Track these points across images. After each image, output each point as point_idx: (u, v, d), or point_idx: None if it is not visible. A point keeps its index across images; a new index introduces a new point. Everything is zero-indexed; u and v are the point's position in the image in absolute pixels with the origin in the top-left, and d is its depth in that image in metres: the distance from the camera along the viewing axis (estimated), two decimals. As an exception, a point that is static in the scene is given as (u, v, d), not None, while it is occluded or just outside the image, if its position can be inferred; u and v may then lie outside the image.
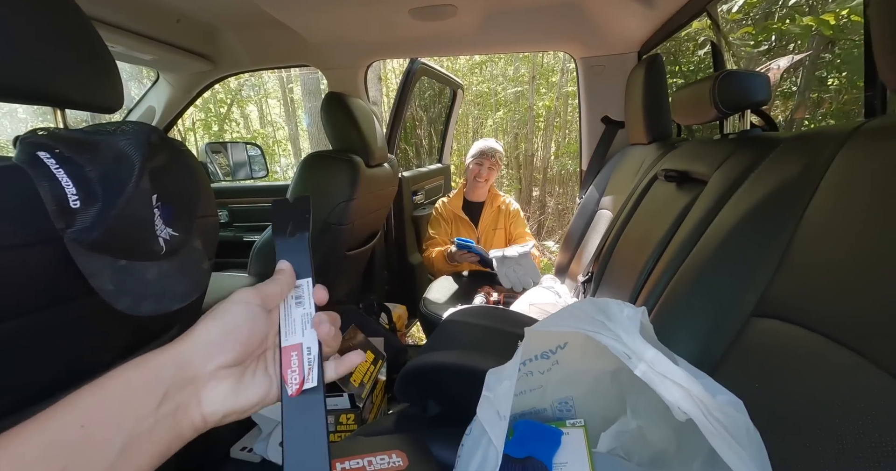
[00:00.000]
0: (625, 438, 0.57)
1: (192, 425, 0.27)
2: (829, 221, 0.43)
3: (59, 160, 0.45)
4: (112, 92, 0.53)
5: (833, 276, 0.39)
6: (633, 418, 0.56)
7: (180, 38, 1.34)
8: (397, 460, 0.52)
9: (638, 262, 0.80)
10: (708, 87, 0.69)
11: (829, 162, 0.46)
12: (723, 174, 0.65)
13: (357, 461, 0.50)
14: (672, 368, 0.39)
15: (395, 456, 0.53)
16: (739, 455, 0.35)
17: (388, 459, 0.52)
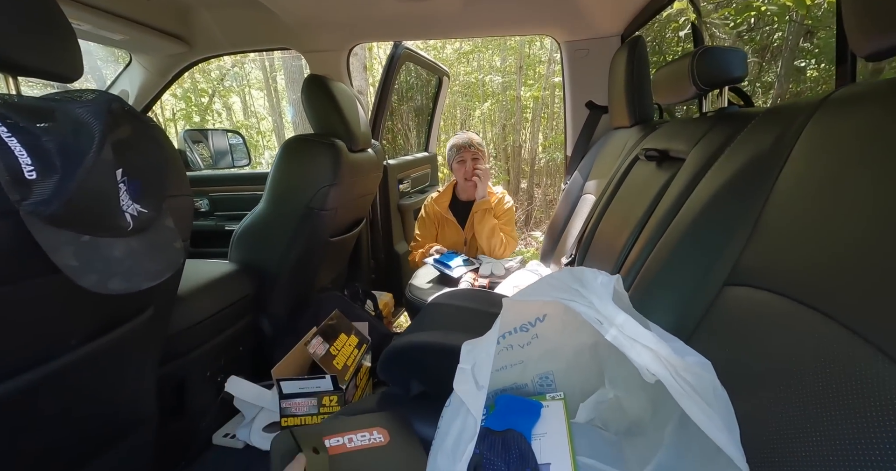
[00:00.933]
0: (602, 408, 0.58)
1: None
2: (798, 187, 0.44)
3: (12, 129, 0.43)
4: (70, 59, 0.50)
5: (798, 239, 0.40)
6: (610, 389, 0.57)
7: (152, 16, 1.29)
8: (378, 437, 0.52)
9: (618, 241, 0.81)
10: (687, 64, 0.69)
11: (800, 131, 0.46)
12: (700, 150, 0.66)
13: (338, 439, 0.50)
14: (642, 331, 0.39)
15: (376, 433, 0.53)
16: (707, 413, 0.35)
17: (370, 435, 0.52)
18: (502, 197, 1.70)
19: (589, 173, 1.44)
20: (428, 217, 1.78)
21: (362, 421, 0.55)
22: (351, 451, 0.49)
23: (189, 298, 0.97)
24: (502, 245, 1.62)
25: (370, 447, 0.51)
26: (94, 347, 0.58)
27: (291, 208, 1.22)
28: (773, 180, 0.47)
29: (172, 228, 0.61)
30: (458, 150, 1.65)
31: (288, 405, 0.87)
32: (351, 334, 1.06)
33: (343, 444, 0.50)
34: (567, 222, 1.46)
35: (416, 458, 0.51)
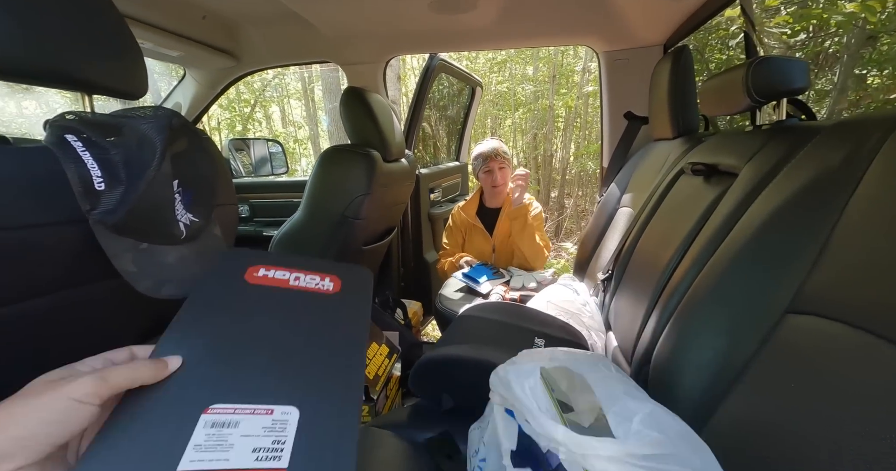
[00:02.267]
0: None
1: None
2: (875, 211, 0.40)
3: (86, 143, 0.46)
4: (137, 78, 0.54)
5: (876, 268, 0.36)
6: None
7: (206, 34, 1.37)
8: (328, 284, 0.42)
9: (661, 258, 0.77)
10: (741, 75, 0.66)
11: (877, 150, 0.43)
12: (755, 166, 0.62)
13: (283, 273, 0.41)
14: (590, 443, 0.37)
15: (328, 280, 0.43)
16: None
17: (320, 280, 0.42)
18: (529, 204, 1.66)
19: (626, 186, 1.39)
20: (455, 226, 1.78)
21: (320, 264, 0.45)
22: (290, 288, 0.40)
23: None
24: (542, 252, 1.59)
25: (313, 291, 0.41)
26: (146, 348, 0.61)
27: (327, 216, 1.25)
28: (843, 203, 0.43)
29: (220, 236, 0.64)
30: (485, 159, 1.62)
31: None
32: (382, 344, 1.07)
33: (287, 279, 0.41)
34: (602, 235, 1.42)
35: (361, 313, 0.41)
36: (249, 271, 0.40)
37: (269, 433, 0.29)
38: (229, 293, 0.38)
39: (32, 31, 0.42)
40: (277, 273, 0.41)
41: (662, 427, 0.41)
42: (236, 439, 0.28)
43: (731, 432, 0.47)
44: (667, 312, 0.66)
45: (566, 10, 1.27)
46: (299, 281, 0.41)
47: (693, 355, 0.54)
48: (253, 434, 0.29)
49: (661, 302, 0.71)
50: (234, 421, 0.29)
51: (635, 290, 0.86)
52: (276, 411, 0.31)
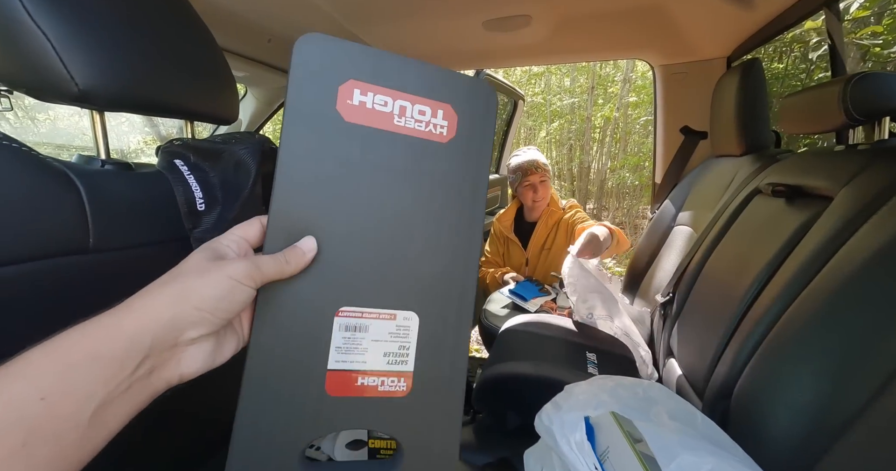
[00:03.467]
0: None
1: (168, 384, 0.26)
2: None
3: (191, 167, 0.50)
4: (231, 105, 0.57)
5: None
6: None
7: (269, 56, 1.45)
8: (443, 126, 0.34)
9: (736, 285, 0.73)
10: (836, 91, 0.61)
11: None
12: (854, 191, 0.58)
13: (384, 99, 0.32)
14: None
15: (440, 114, 0.34)
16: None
17: (433, 119, 0.34)
18: (574, 212, 1.60)
19: (683, 203, 1.34)
20: (496, 236, 1.76)
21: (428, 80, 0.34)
22: (398, 131, 0.33)
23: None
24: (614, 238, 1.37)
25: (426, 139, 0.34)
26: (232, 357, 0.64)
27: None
28: None
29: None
30: (525, 173, 1.55)
31: (374, 427, 0.88)
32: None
33: (391, 114, 0.33)
34: (656, 254, 1.36)
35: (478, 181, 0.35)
36: (342, 93, 0.31)
37: (395, 339, 0.31)
38: (325, 138, 0.31)
39: (153, 66, 0.46)
40: (377, 99, 0.32)
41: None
42: (368, 344, 0.30)
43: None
44: (749, 345, 0.62)
45: (623, 24, 1.24)
46: (405, 116, 0.32)
47: (788, 395, 0.50)
48: (381, 339, 0.31)
49: (739, 333, 0.67)
50: (364, 325, 0.31)
51: (705, 317, 0.82)
52: (398, 316, 0.32)
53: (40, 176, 0.35)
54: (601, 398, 0.54)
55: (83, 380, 0.22)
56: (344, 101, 0.31)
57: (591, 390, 0.57)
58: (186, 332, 0.26)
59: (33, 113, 4.17)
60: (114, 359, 0.23)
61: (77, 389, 0.21)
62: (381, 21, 1.26)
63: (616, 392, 0.57)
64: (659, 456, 0.42)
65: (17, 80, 0.40)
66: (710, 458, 0.41)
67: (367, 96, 0.31)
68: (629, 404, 0.53)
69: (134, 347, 0.23)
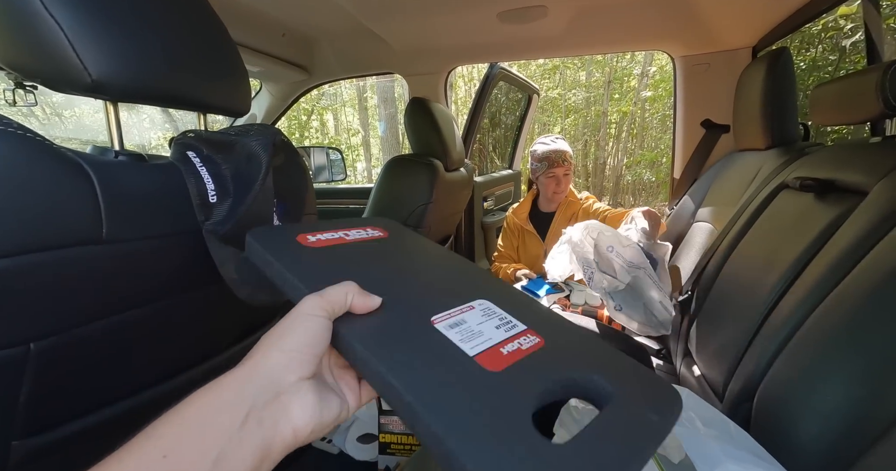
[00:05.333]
0: None
1: (283, 440, 0.26)
2: None
3: (203, 159, 0.49)
4: (243, 98, 0.57)
5: None
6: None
7: (284, 50, 1.46)
8: (377, 232, 0.46)
9: (761, 283, 0.70)
10: (874, 79, 0.58)
11: None
12: (892, 185, 0.54)
13: (334, 234, 0.42)
14: None
15: (370, 229, 0.46)
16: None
17: (367, 231, 0.45)
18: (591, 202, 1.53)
19: (703, 199, 1.29)
20: (510, 229, 1.71)
21: (351, 222, 0.47)
22: (350, 242, 0.42)
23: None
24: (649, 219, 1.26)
25: (371, 239, 0.44)
26: (237, 350, 0.64)
27: (390, 225, 1.27)
28: None
29: (305, 246, 0.67)
30: (552, 163, 1.50)
31: (386, 422, 0.88)
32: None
33: (342, 237, 0.42)
34: (674, 251, 1.32)
35: (425, 243, 0.45)
36: (301, 239, 0.40)
37: (490, 317, 0.33)
38: (314, 256, 0.37)
39: (166, 58, 0.46)
40: (326, 235, 0.41)
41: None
42: (476, 327, 0.32)
43: None
44: (774, 346, 0.59)
45: (643, 15, 1.21)
46: (349, 235, 0.43)
47: (819, 401, 0.48)
48: (482, 321, 0.33)
49: (764, 333, 0.64)
50: (461, 319, 0.32)
51: (726, 316, 0.79)
52: (474, 306, 0.34)
53: (54, 166, 0.35)
54: None
55: (197, 437, 0.23)
56: (305, 241, 0.39)
57: None
58: (284, 377, 0.26)
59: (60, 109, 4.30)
60: (221, 413, 0.24)
61: (192, 445, 0.23)
62: (396, 15, 1.25)
63: None
64: (699, 463, 0.40)
65: (33, 71, 0.40)
66: (756, 469, 0.39)
67: (315, 236, 0.40)
68: None
69: (238, 399, 0.25)
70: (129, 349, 0.48)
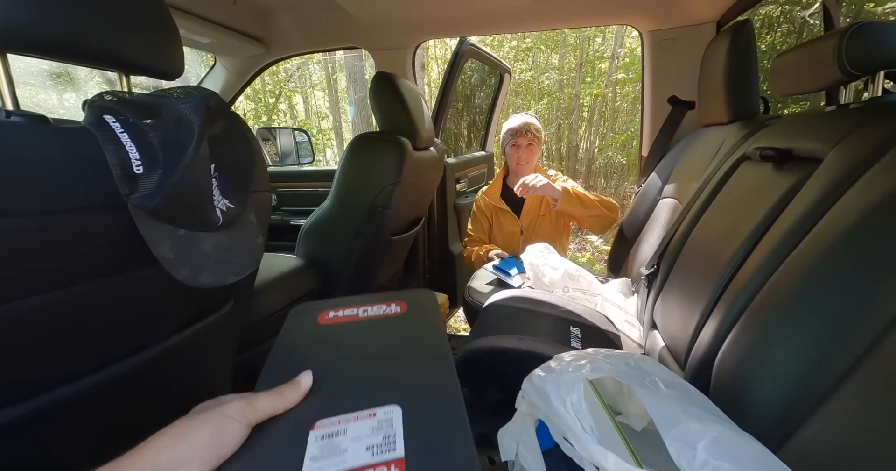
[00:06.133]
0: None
1: None
2: None
3: (125, 125, 0.44)
4: (174, 58, 0.51)
5: None
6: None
7: (236, 20, 1.35)
8: (396, 308, 0.48)
9: (721, 253, 0.70)
10: (832, 45, 0.58)
11: None
12: (845, 151, 0.55)
13: (352, 310, 0.47)
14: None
15: (394, 305, 0.48)
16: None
17: (387, 307, 0.48)
18: (563, 178, 1.59)
19: (669, 175, 1.31)
20: (479, 211, 1.71)
21: (382, 296, 0.51)
22: (363, 319, 0.45)
23: (262, 291, 1.00)
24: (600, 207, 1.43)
25: (385, 317, 0.46)
26: (184, 337, 0.60)
27: (357, 206, 1.22)
28: None
29: (255, 224, 0.62)
30: (514, 134, 1.55)
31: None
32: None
33: (356, 314, 0.47)
34: (641, 228, 1.35)
35: (434, 329, 0.45)
36: (321, 317, 0.45)
37: (378, 432, 0.31)
38: (308, 336, 0.43)
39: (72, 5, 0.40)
40: (346, 311, 0.45)
41: (733, 454, 0.36)
42: (348, 444, 0.30)
43: (819, 454, 0.41)
44: (732, 313, 0.60)
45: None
46: (368, 311, 0.46)
47: (772, 363, 0.48)
48: (362, 436, 0.31)
49: (723, 301, 0.65)
50: (341, 430, 0.31)
51: (689, 287, 0.80)
52: (378, 412, 0.33)
53: None
54: (596, 364, 0.52)
55: None
56: (323, 319, 0.45)
57: (582, 356, 0.55)
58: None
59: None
60: None
61: None
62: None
63: (609, 360, 0.55)
64: (659, 422, 0.40)
65: None
66: (713, 426, 0.39)
67: (338, 311, 0.45)
68: (624, 372, 0.51)
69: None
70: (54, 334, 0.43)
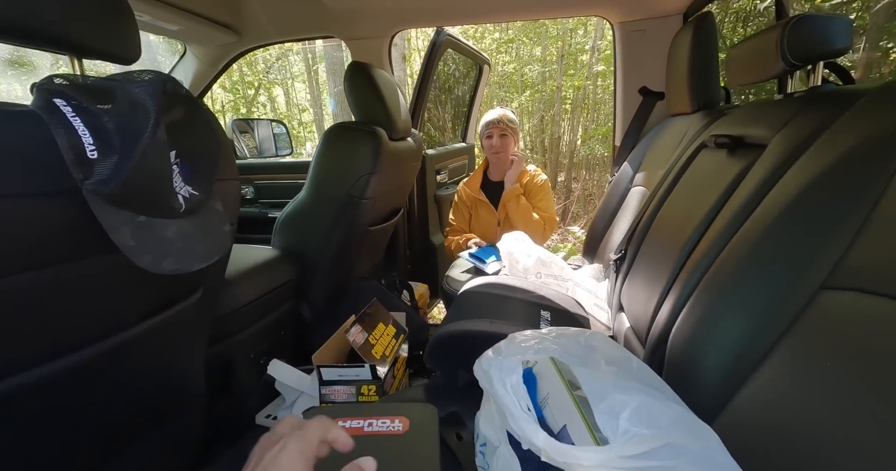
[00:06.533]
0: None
1: None
2: None
3: (76, 109, 0.44)
4: (129, 42, 0.51)
5: None
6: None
7: (206, 6, 1.32)
8: (398, 425, 0.50)
9: (680, 236, 0.74)
10: (775, 36, 0.61)
11: None
12: (786, 136, 0.58)
13: (358, 422, 0.49)
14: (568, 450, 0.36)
15: (397, 421, 0.51)
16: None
17: (390, 423, 0.50)
18: (535, 174, 1.66)
19: (640, 164, 1.35)
20: (461, 201, 1.77)
21: (387, 409, 0.54)
22: (366, 435, 0.48)
23: (235, 281, 1.00)
24: (541, 228, 1.58)
25: (386, 434, 0.49)
26: (150, 326, 0.60)
27: (332, 196, 1.22)
28: (892, 169, 0.40)
29: (221, 212, 0.62)
30: (488, 125, 1.65)
31: (327, 392, 0.87)
32: (389, 324, 1.06)
33: (361, 427, 0.49)
34: (613, 216, 1.38)
35: (429, 450, 0.48)
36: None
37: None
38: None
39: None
40: (353, 423, 0.48)
41: (653, 419, 0.38)
42: None
43: (750, 417, 0.45)
44: (686, 291, 0.63)
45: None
46: (372, 426, 0.48)
47: (716, 335, 0.52)
48: None
49: (679, 281, 0.68)
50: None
51: (651, 269, 0.83)
52: None
53: None
54: (543, 345, 0.54)
55: None
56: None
57: (533, 337, 0.57)
58: None
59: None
60: None
61: None
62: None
63: (559, 340, 0.57)
64: (591, 396, 0.42)
65: None
66: (638, 396, 0.41)
67: (345, 422, 0.46)
68: (570, 351, 0.54)
69: None
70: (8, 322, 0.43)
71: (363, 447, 0.47)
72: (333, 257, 1.27)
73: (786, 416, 0.40)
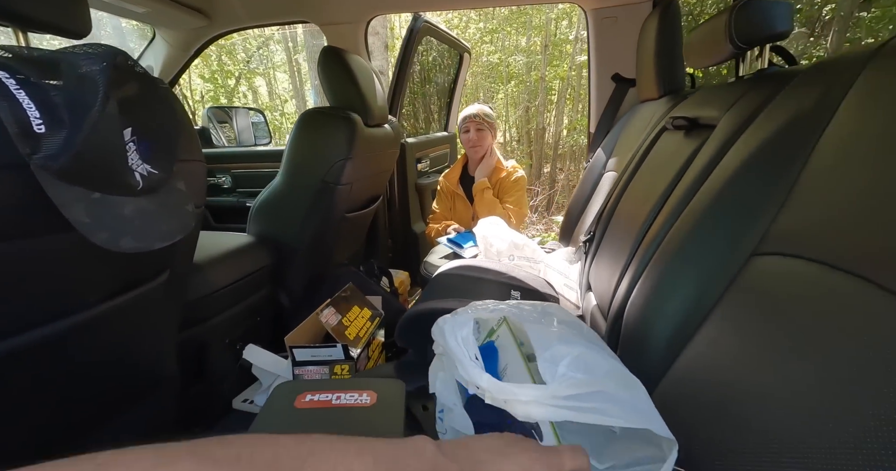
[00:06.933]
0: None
1: None
2: (845, 146, 0.39)
3: (20, 82, 0.43)
4: (78, 14, 0.50)
5: (842, 202, 0.36)
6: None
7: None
8: (366, 398, 0.52)
9: (639, 216, 0.76)
10: (724, 21, 0.63)
11: (849, 86, 0.41)
12: (732, 115, 0.61)
13: (326, 395, 0.51)
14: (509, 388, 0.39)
15: (365, 395, 0.53)
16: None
17: (358, 396, 0.52)
18: (512, 171, 1.69)
19: (612, 150, 1.38)
20: (443, 191, 1.79)
21: (356, 383, 0.56)
22: (334, 407, 0.50)
23: (208, 266, 0.99)
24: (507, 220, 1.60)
25: (353, 406, 0.51)
26: (114, 306, 0.60)
27: (307, 182, 1.22)
28: (814, 141, 0.42)
29: (184, 191, 0.62)
30: (464, 119, 1.68)
31: (300, 372, 0.88)
32: (364, 307, 1.07)
33: (329, 399, 0.51)
34: (587, 201, 1.41)
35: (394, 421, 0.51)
36: (299, 399, 0.50)
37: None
38: (282, 421, 0.48)
39: None
40: (322, 396, 0.50)
41: (589, 368, 0.41)
42: None
43: (688, 377, 0.48)
44: (640, 266, 0.66)
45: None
46: (340, 399, 0.51)
47: (664, 304, 0.54)
48: None
49: (636, 258, 0.71)
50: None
51: (614, 249, 0.86)
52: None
53: None
54: (499, 307, 0.56)
55: None
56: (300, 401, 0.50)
57: (493, 304, 0.59)
58: None
59: None
60: None
61: None
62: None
63: (517, 307, 0.59)
64: (537, 348, 0.45)
65: None
66: (579, 348, 0.44)
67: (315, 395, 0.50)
68: (524, 317, 0.56)
69: None
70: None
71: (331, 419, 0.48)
72: (310, 244, 1.27)
73: (720, 377, 0.43)
